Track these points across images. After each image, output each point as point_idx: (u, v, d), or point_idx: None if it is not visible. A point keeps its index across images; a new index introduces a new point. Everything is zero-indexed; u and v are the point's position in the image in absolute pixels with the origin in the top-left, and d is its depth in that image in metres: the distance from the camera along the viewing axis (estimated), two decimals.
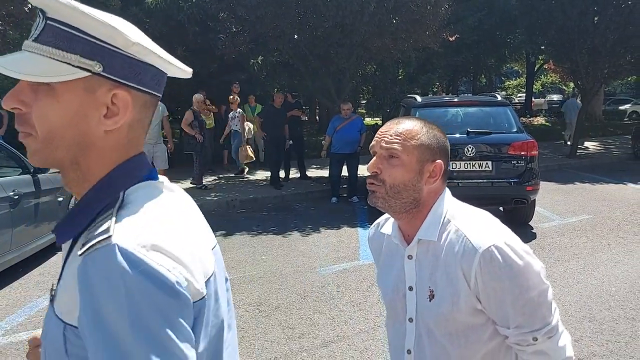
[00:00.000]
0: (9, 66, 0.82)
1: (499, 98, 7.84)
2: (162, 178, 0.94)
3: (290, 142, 10.39)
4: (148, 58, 0.88)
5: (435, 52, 12.66)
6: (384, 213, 1.47)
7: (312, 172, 11.38)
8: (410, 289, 1.38)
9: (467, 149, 6.58)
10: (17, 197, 5.25)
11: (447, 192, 1.39)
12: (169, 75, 0.94)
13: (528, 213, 7.10)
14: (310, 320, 4.31)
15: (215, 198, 9.14)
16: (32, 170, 5.81)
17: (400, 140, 1.34)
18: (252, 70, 12.90)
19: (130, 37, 0.85)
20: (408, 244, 1.39)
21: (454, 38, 11.00)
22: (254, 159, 11.31)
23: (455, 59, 15.55)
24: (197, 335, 0.82)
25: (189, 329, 0.78)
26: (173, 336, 0.74)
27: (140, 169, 0.92)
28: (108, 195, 0.87)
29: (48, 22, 0.84)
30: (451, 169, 6.63)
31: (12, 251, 5.19)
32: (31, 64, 0.83)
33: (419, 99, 7.39)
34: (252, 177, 11.31)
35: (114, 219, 0.80)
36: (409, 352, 1.40)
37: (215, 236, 3.88)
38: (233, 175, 11.51)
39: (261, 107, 12.77)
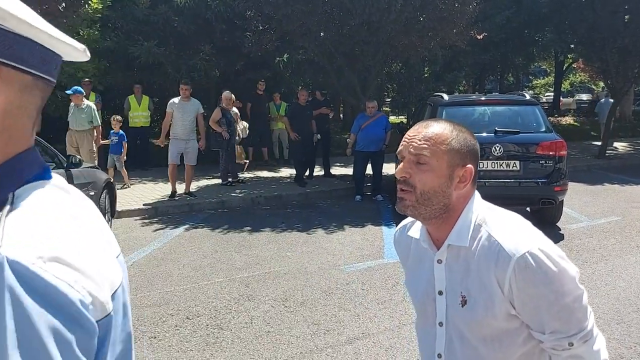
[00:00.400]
0: None
1: (527, 97, 7.75)
2: (57, 177, 0.79)
3: (319, 136, 10.40)
4: (26, 30, 0.70)
5: (462, 50, 12.55)
6: None
7: (336, 170, 11.40)
8: (440, 293, 1.37)
9: (495, 148, 6.53)
10: None
11: (477, 195, 1.38)
12: (65, 58, 0.80)
13: (556, 214, 7.01)
14: (336, 317, 4.35)
15: (240, 195, 9.23)
16: (65, 165, 5.96)
17: (429, 145, 1.30)
18: (278, 68, 12.98)
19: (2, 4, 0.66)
20: (438, 249, 1.38)
21: (481, 36, 10.90)
22: (247, 161, 11.32)
23: (482, 57, 15.37)
24: (103, 357, 0.71)
25: None
26: None
27: (30, 167, 0.75)
28: None
29: None
30: (478, 169, 6.59)
31: None
32: None
33: (445, 97, 7.35)
34: (276, 175, 11.39)
35: (3, 224, 0.65)
36: (439, 356, 1.40)
37: (241, 232, 3.98)
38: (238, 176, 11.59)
39: (286, 105, 12.88)
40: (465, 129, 1.36)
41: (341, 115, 19.12)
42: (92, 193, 6.41)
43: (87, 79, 10.65)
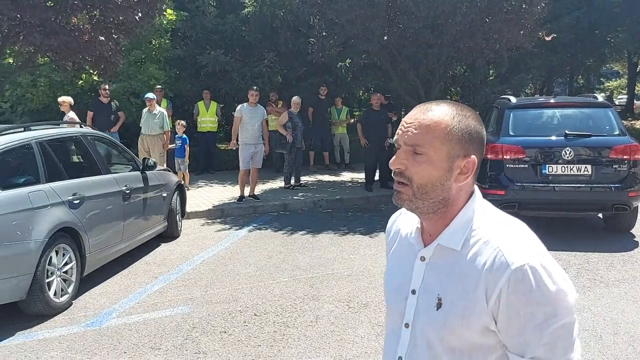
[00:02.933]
0: None
1: (600, 99, 7.45)
2: None
3: (391, 140, 10.37)
4: None
5: (529, 52, 12.20)
6: None
7: None
8: (413, 292, 1.25)
9: (565, 152, 6.32)
10: (128, 191, 5.73)
11: (478, 193, 1.25)
12: None
13: (630, 221, 6.69)
14: None
15: (302, 198, 9.38)
16: (141, 168, 6.30)
17: (426, 133, 1.17)
18: (340, 73, 13.10)
19: None
20: (425, 245, 1.26)
21: (550, 37, 10.57)
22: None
23: (550, 58, 14.87)
24: None
25: None
26: None
27: None
28: None
29: None
30: (547, 173, 6.41)
31: (123, 241, 5.67)
32: None
33: (513, 99, 7.19)
34: (337, 179, 11.49)
35: None
36: (400, 358, 1.26)
37: (304, 234, 4.14)
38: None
39: (347, 110, 12.96)
40: (471, 113, 1.21)
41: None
42: (165, 194, 6.73)
43: (159, 86, 11.15)
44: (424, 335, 1.22)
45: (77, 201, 4.80)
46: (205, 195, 9.70)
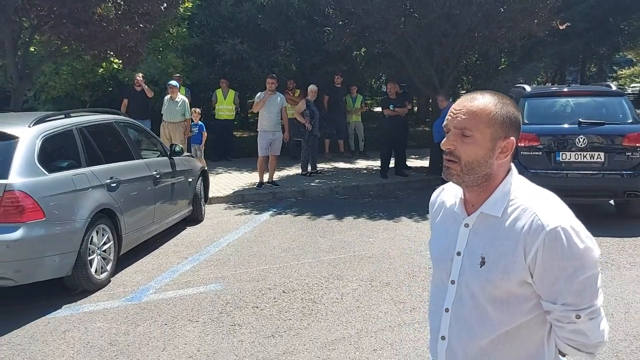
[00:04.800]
0: None
1: (614, 88, 7.60)
2: None
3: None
4: None
5: (541, 40, 12.28)
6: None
7: (411, 162, 11.55)
8: (458, 254, 1.46)
9: (578, 139, 6.51)
10: (158, 176, 6.00)
11: (514, 169, 1.46)
12: None
13: None
14: (420, 297, 4.60)
15: (320, 185, 9.62)
16: (168, 153, 6.56)
17: (473, 118, 1.38)
18: (355, 62, 13.25)
19: None
20: (469, 214, 1.47)
21: (564, 26, 10.66)
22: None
23: (563, 47, 14.92)
24: None
25: None
26: None
27: None
28: None
29: None
30: (560, 160, 6.59)
31: (154, 223, 5.95)
32: None
33: (528, 88, 7.36)
34: (353, 166, 11.70)
35: None
36: (446, 310, 1.49)
37: (323, 219, 4.51)
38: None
39: (362, 98, 13.15)
40: (509, 101, 1.43)
41: (415, 108, 19.14)
42: (190, 179, 6.99)
43: (177, 74, 11.38)
44: (469, 289, 1.44)
45: (114, 184, 5.07)
46: (225, 181, 9.97)
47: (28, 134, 4.37)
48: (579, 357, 1.47)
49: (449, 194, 1.60)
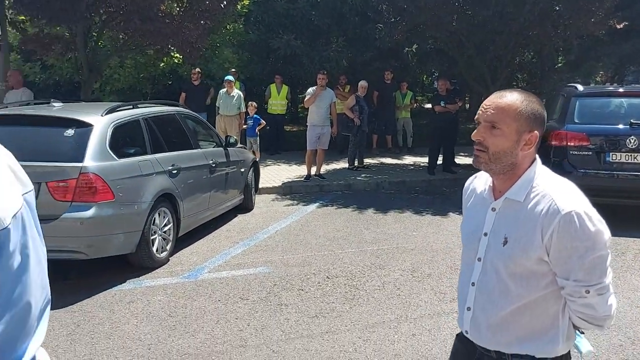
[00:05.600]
0: None
1: None
2: None
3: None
4: None
5: (599, 40, 12.00)
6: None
7: (460, 160, 11.56)
8: (485, 234, 1.65)
9: (629, 140, 6.44)
10: (214, 165, 6.37)
11: (538, 160, 1.64)
12: None
13: None
14: None
15: (366, 179, 9.82)
16: (223, 144, 6.94)
17: (501, 113, 1.55)
18: (406, 58, 13.34)
19: None
20: (495, 199, 1.65)
21: (622, 25, 10.41)
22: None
23: (622, 46, 14.46)
24: (1, 256, 0.97)
25: None
26: None
27: None
28: None
29: None
30: (610, 161, 6.54)
31: (209, 209, 6.33)
32: None
33: (580, 87, 7.30)
34: (400, 161, 11.83)
35: None
36: (472, 284, 1.69)
37: (368, 212, 4.84)
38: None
39: (412, 94, 13.23)
40: (535, 99, 1.61)
41: (467, 105, 18.98)
42: (243, 170, 7.35)
43: (233, 69, 11.82)
44: (493, 266, 1.63)
45: (175, 171, 5.47)
46: (274, 173, 10.32)
47: (101, 122, 4.81)
48: (591, 330, 1.65)
49: (480, 182, 1.78)
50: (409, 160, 12.03)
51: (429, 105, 13.88)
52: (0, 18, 9.19)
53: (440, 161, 10.41)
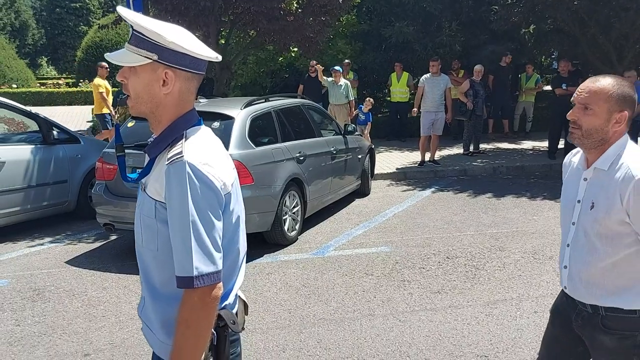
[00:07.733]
0: (117, 58, 1.47)
1: None
2: (204, 126, 1.57)
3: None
4: (182, 50, 1.44)
5: None
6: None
7: None
8: (579, 202, 1.92)
9: None
10: (335, 152, 6.80)
11: (626, 136, 1.86)
12: (204, 59, 1.50)
13: None
14: None
15: (482, 164, 9.76)
16: (342, 132, 7.34)
17: (594, 96, 1.81)
18: (522, 39, 12.89)
19: (167, 38, 1.42)
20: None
21: None
22: None
23: None
24: (226, 212, 1.47)
25: (219, 211, 1.44)
26: (210, 213, 1.41)
27: (192, 119, 1.53)
28: (175, 133, 1.49)
29: (134, 32, 1.46)
30: None
31: (330, 193, 6.78)
32: (126, 56, 1.46)
33: None
34: (517, 146, 11.55)
35: (183, 146, 1.43)
36: (568, 245, 1.97)
37: (485, 197, 5.18)
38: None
39: (537, 77, 12.73)
40: (627, 83, 1.84)
41: None
42: (360, 156, 7.71)
43: (347, 61, 12.20)
44: (583, 228, 1.91)
45: (302, 158, 5.96)
46: (387, 159, 10.57)
47: (241, 115, 5.40)
48: None
49: (576, 158, 2.04)
50: (527, 144, 11.71)
51: (548, 87, 13.29)
52: None
53: (561, 145, 10.05)
